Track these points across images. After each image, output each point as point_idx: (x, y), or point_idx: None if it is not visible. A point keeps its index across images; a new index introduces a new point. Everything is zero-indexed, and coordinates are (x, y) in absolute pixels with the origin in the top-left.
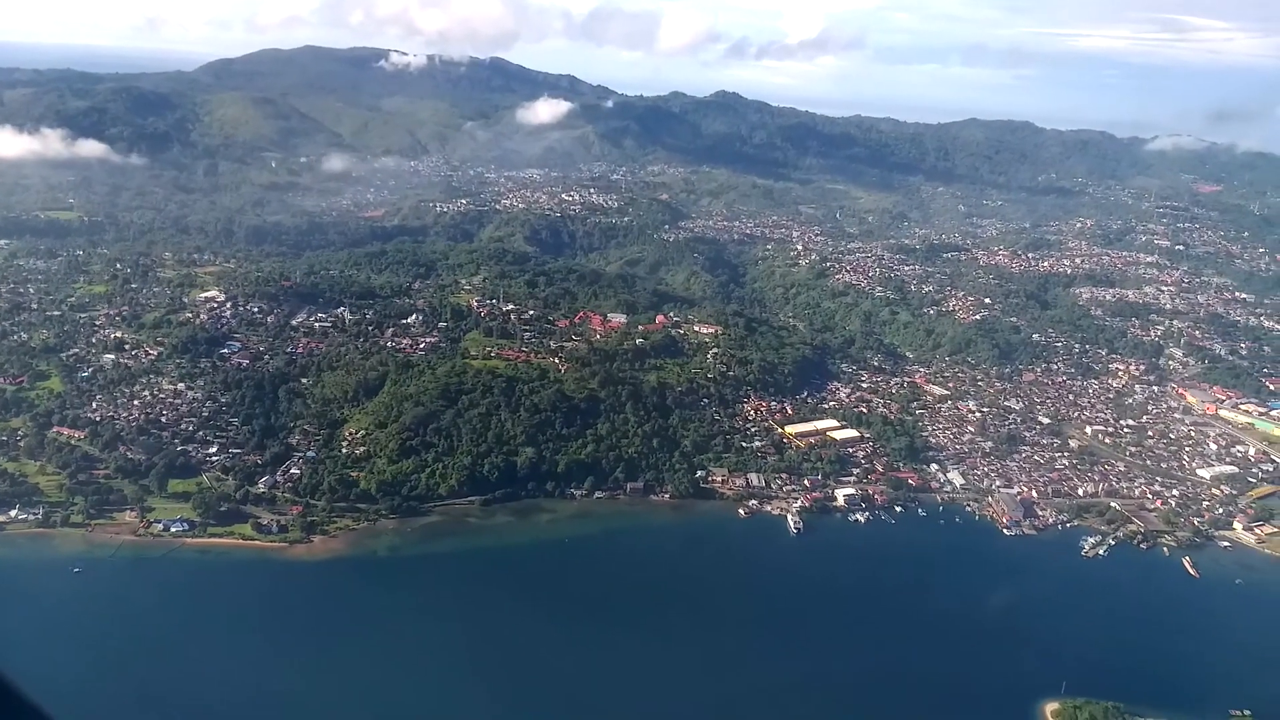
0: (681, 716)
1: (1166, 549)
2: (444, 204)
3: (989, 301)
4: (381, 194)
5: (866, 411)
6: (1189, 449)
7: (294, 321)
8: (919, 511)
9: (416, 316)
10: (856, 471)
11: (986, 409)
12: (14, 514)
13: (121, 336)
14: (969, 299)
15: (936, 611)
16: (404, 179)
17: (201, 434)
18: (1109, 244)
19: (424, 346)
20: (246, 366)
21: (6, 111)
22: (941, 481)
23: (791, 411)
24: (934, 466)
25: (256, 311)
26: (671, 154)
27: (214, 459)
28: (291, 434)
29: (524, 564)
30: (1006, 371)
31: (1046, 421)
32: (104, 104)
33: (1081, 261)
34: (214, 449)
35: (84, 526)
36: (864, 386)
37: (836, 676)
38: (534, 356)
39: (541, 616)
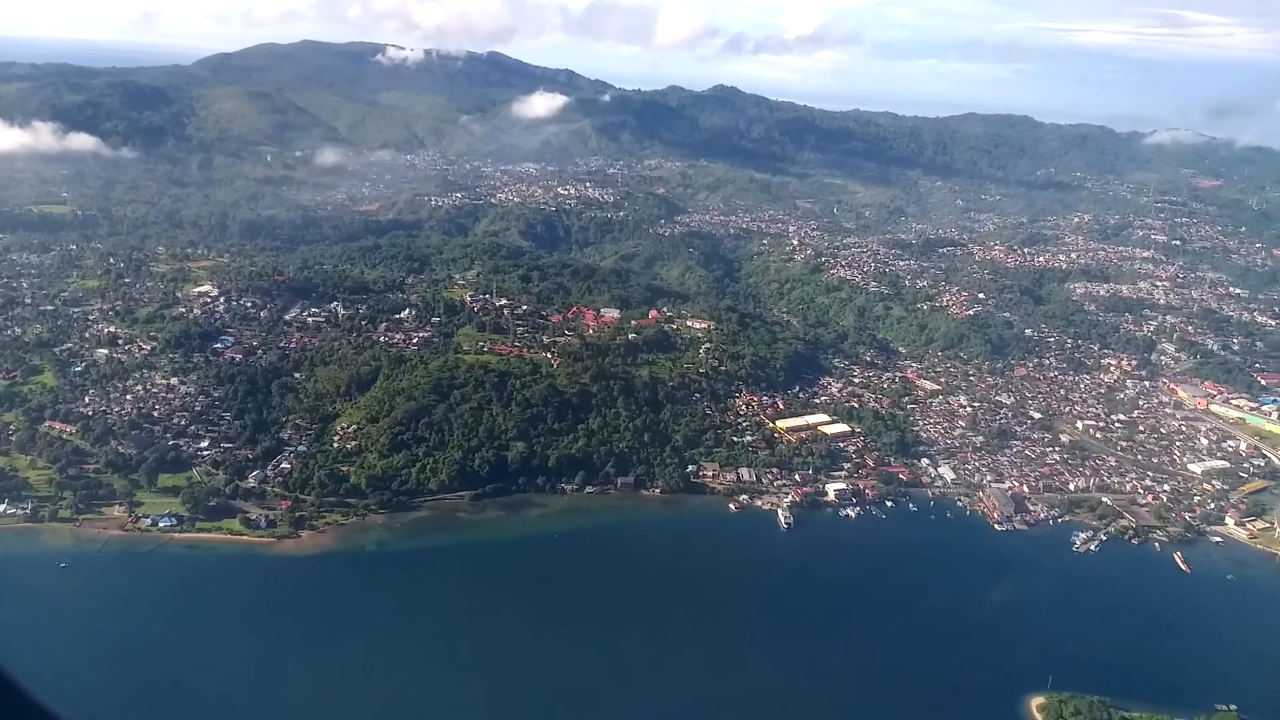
0: (670, 710)
1: (1158, 544)
2: (439, 198)
3: (983, 296)
4: (377, 188)
5: (858, 406)
6: (1180, 444)
7: (287, 316)
8: (910, 506)
9: (409, 311)
10: (847, 466)
11: (978, 404)
12: (2, 509)
13: (114, 331)
14: (963, 294)
15: (925, 606)
16: (399, 173)
17: (193, 429)
18: (1106, 239)
19: (416, 341)
20: (239, 361)
21: (1, 106)
22: (932, 476)
23: (783, 406)
24: (925, 461)
25: (250, 306)
26: (669, 148)
27: (205, 453)
28: (283, 429)
29: (513, 559)
30: (999, 366)
31: (1038, 416)
32: (100, 98)
33: (1077, 256)
34: (205, 443)
35: (72, 521)
36: (856, 381)
37: (824, 671)
38: (526, 351)
39: (530, 611)
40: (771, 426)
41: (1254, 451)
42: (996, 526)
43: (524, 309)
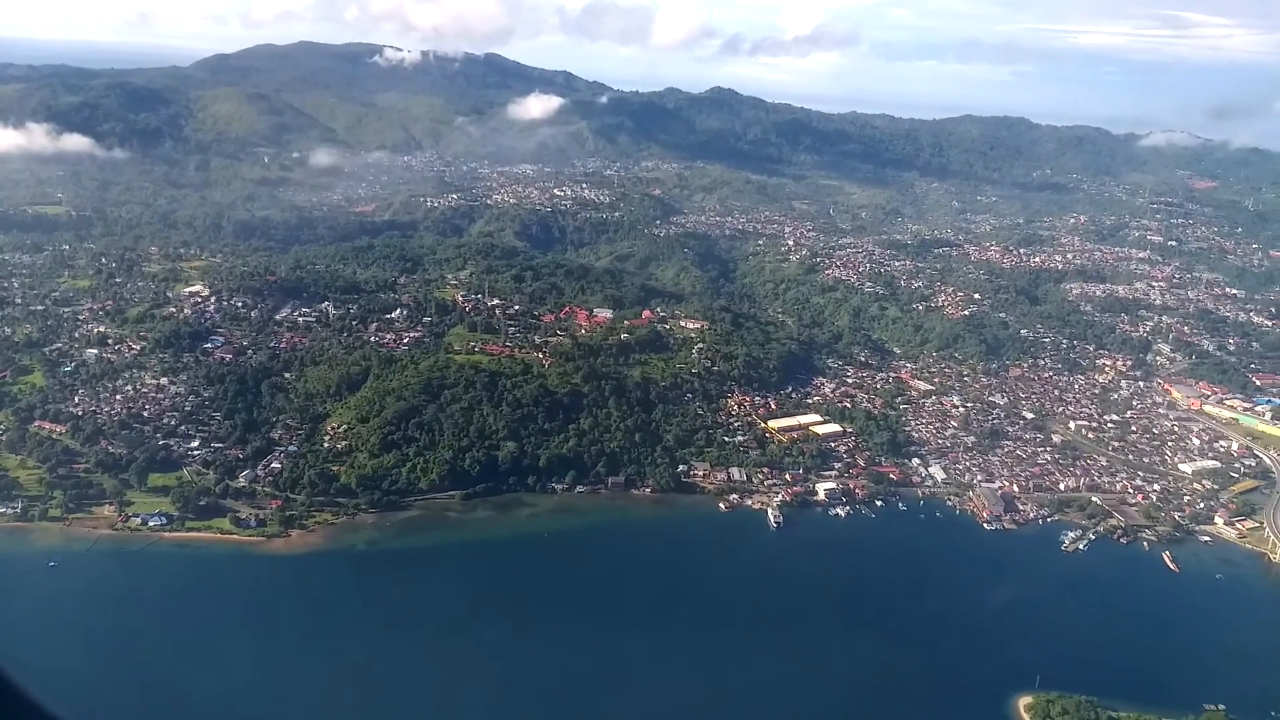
0: (660, 709)
1: (1147, 544)
2: (435, 199)
3: (978, 297)
4: (373, 189)
5: (850, 406)
6: (1172, 444)
7: (278, 316)
8: (899, 506)
9: (401, 311)
10: (838, 466)
11: (971, 404)
12: None
13: (105, 331)
14: (958, 294)
15: (914, 605)
16: (396, 174)
17: (183, 428)
18: (1102, 240)
19: (407, 341)
20: (229, 361)
21: None
22: (923, 476)
23: (775, 406)
24: (916, 461)
25: (241, 306)
26: (665, 150)
27: (195, 453)
28: (273, 428)
29: (504, 558)
30: (993, 367)
31: (1030, 416)
32: (97, 100)
33: (1073, 257)
34: (195, 443)
35: (62, 520)
36: (849, 381)
37: (812, 670)
38: (518, 351)
39: (521, 611)
40: (763, 426)
41: (1245, 452)
42: (985, 526)
43: (516, 309)
